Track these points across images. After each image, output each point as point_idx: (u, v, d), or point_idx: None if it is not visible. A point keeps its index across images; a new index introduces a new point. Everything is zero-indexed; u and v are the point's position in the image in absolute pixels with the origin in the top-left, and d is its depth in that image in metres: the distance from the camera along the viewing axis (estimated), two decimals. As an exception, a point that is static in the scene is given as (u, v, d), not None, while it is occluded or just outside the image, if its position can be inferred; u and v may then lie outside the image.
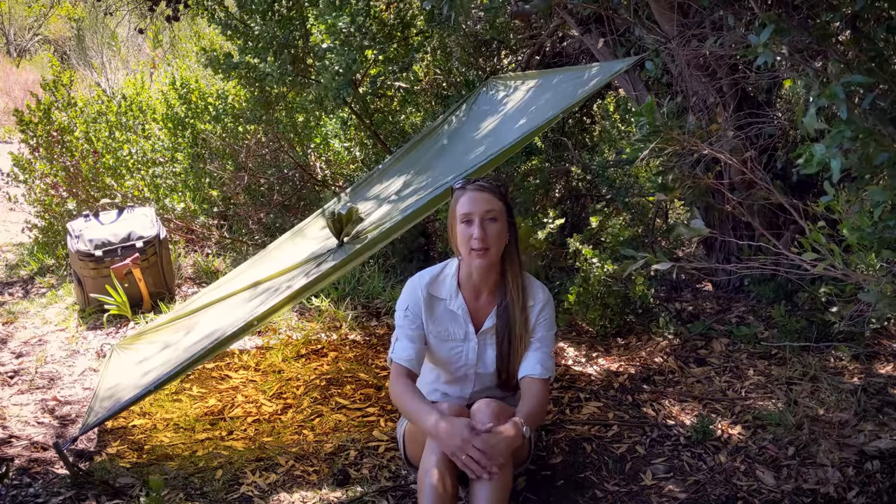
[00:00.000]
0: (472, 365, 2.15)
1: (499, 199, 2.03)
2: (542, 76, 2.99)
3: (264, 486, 2.25)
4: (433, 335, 2.16)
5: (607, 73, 2.37)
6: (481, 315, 2.14)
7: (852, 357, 2.90)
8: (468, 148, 2.88)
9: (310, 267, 2.62)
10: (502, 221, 2.03)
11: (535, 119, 2.51)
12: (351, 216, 2.60)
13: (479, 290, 2.14)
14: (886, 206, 1.47)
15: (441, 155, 3.11)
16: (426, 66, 4.47)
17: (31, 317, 3.81)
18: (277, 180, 4.62)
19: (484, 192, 2.02)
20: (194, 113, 4.69)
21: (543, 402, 2.04)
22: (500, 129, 2.85)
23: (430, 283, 2.15)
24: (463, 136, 3.16)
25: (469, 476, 1.83)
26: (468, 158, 2.69)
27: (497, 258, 2.06)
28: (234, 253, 4.66)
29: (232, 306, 2.82)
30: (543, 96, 2.71)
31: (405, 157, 3.45)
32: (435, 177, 2.81)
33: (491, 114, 3.10)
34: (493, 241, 2.01)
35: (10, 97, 10.85)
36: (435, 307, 2.15)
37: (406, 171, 3.20)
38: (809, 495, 2.12)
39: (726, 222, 3.55)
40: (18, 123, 4.62)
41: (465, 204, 2.02)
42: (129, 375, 2.62)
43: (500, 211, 2.03)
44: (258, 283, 2.87)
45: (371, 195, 3.26)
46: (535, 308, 2.11)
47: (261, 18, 3.74)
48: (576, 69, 2.80)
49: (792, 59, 1.72)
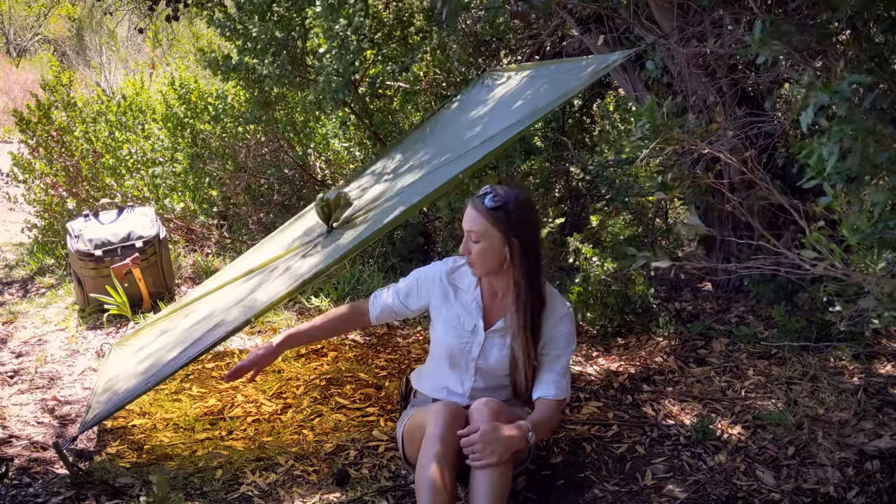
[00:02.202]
0: (475, 357, 2.15)
1: (488, 222, 2.00)
2: (539, 67, 3.01)
3: (264, 486, 2.25)
4: (441, 320, 2.19)
5: (603, 64, 2.37)
6: (494, 314, 2.15)
7: (852, 357, 2.90)
8: (463, 128, 2.90)
9: (302, 250, 2.65)
10: (487, 244, 2.01)
11: (531, 104, 2.53)
12: (339, 202, 2.62)
13: (497, 291, 2.15)
14: (886, 206, 1.47)
15: (435, 135, 3.13)
16: (426, 66, 4.47)
17: (30, 317, 3.81)
18: (277, 180, 4.62)
19: (475, 211, 2.03)
20: (194, 113, 4.68)
21: (555, 420, 2.11)
22: (495, 110, 2.87)
23: (451, 271, 2.22)
24: (458, 117, 3.20)
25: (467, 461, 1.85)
26: (463, 139, 2.70)
27: (485, 273, 2.09)
28: (234, 253, 4.66)
29: (228, 290, 2.85)
30: (539, 83, 2.73)
31: (400, 144, 3.49)
32: (431, 154, 2.83)
33: (486, 97, 3.14)
34: (475, 258, 2.04)
35: (9, 97, 10.84)
36: (451, 295, 2.19)
37: (401, 151, 3.24)
38: (809, 495, 2.12)
39: (726, 222, 3.55)
40: (18, 123, 4.62)
41: (464, 217, 2.07)
42: (125, 366, 2.63)
43: (485, 234, 2.01)
44: (252, 270, 2.89)
45: (366, 174, 3.30)
46: (553, 320, 2.11)
47: (259, 19, 3.74)
48: (572, 60, 2.81)
49: (792, 59, 1.72)
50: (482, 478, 1.84)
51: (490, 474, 1.84)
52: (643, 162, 2.53)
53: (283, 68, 3.70)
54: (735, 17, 2.34)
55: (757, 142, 2.91)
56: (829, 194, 1.58)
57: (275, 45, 3.69)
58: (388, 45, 3.85)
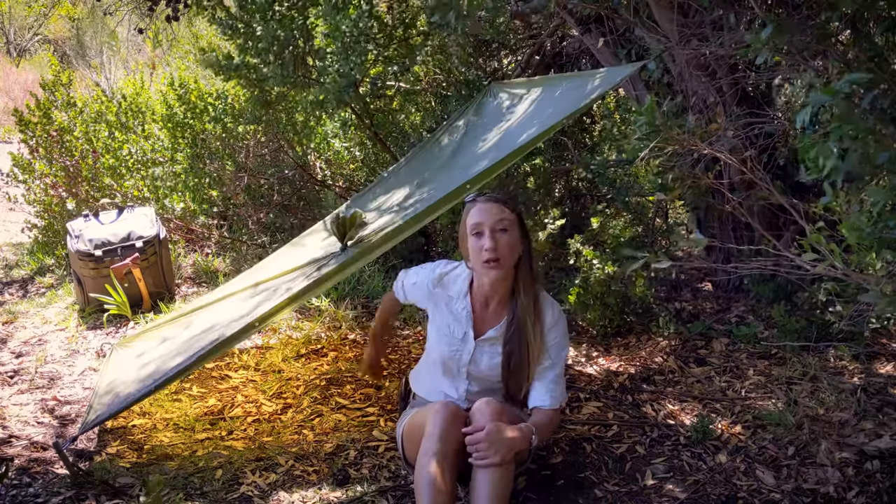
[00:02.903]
0: (466, 364, 2.15)
1: (511, 211, 2.03)
2: (546, 83, 2.98)
3: (264, 486, 2.25)
4: (434, 326, 2.19)
5: (611, 81, 2.36)
6: (486, 324, 2.14)
7: (852, 357, 2.90)
8: (471, 161, 2.87)
9: (311, 269, 2.63)
10: (514, 232, 2.02)
11: (543, 126, 2.51)
12: (355, 220, 2.61)
13: (489, 301, 2.14)
14: (886, 205, 1.47)
15: (443, 168, 3.10)
16: (426, 67, 4.47)
17: (30, 317, 3.81)
18: (277, 180, 4.62)
19: (496, 202, 2.03)
20: (194, 113, 4.68)
21: (554, 424, 2.13)
22: (502, 143, 2.85)
23: (438, 278, 2.21)
24: (465, 148, 3.15)
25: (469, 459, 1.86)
26: (470, 172, 2.68)
27: (510, 269, 2.05)
28: (234, 253, 4.66)
29: (232, 303, 2.83)
30: (547, 109, 2.70)
31: (407, 167, 3.44)
32: (438, 188, 2.81)
33: (494, 126, 3.10)
34: (504, 251, 2.00)
35: (9, 97, 10.84)
36: (441, 302, 2.19)
37: (408, 182, 3.20)
38: (809, 495, 2.12)
39: (726, 222, 3.55)
40: (18, 123, 4.62)
41: (476, 215, 2.02)
42: (127, 370, 2.62)
43: (512, 222, 2.02)
44: (258, 283, 2.87)
45: (373, 206, 3.26)
46: (546, 326, 2.10)
47: (261, 18, 3.73)
48: (580, 75, 2.78)
49: (792, 59, 1.72)
50: (483, 478, 1.84)
51: (492, 474, 1.84)
52: (644, 162, 2.53)
53: (285, 68, 3.69)
54: (736, 17, 2.34)
55: (757, 142, 2.91)
56: (828, 194, 1.58)
57: (276, 44, 3.69)
58: (390, 46, 3.85)
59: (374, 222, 2.83)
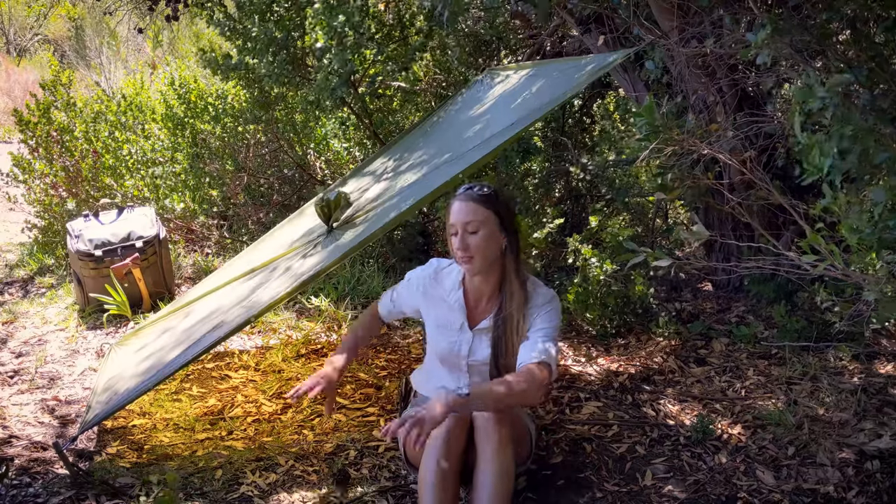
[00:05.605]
0: (465, 356, 2.16)
1: (486, 209, 2.02)
2: (538, 66, 3.01)
3: (264, 486, 2.25)
4: (432, 320, 2.22)
5: (602, 64, 2.38)
6: (479, 314, 2.16)
7: (852, 357, 2.90)
8: (463, 127, 2.90)
9: (303, 250, 2.66)
10: (488, 231, 2.02)
11: (530, 103, 2.53)
12: (339, 202, 2.63)
13: (480, 292, 2.16)
14: (886, 206, 1.47)
15: (435, 134, 3.13)
16: (426, 66, 4.47)
17: (30, 317, 3.81)
18: (277, 180, 4.62)
19: (469, 202, 2.03)
20: (194, 113, 4.69)
21: (539, 381, 1.90)
22: (493, 109, 2.88)
23: (435, 272, 2.24)
24: (457, 117, 3.20)
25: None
26: (463, 138, 2.71)
27: (484, 266, 2.07)
28: (234, 253, 4.66)
29: (229, 289, 2.85)
30: (538, 82, 2.72)
31: (399, 143, 3.49)
32: (431, 153, 2.83)
33: (486, 96, 3.14)
34: (475, 251, 2.02)
35: (9, 97, 10.84)
36: (435, 295, 2.22)
37: (401, 150, 3.24)
38: (809, 495, 2.12)
39: (726, 223, 3.54)
40: (18, 123, 4.61)
41: (451, 213, 2.06)
42: (126, 366, 2.63)
43: (485, 221, 2.02)
44: (254, 269, 2.90)
45: (365, 173, 3.30)
46: (533, 308, 2.10)
47: (259, 19, 3.74)
48: (571, 60, 2.81)
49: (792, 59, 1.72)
50: (485, 478, 1.84)
51: (493, 475, 1.84)
52: (643, 162, 2.53)
53: (283, 68, 3.70)
54: (735, 17, 2.34)
55: (757, 142, 2.91)
56: (828, 195, 1.58)
57: (275, 44, 3.70)
58: (388, 46, 3.85)
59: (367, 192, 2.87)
